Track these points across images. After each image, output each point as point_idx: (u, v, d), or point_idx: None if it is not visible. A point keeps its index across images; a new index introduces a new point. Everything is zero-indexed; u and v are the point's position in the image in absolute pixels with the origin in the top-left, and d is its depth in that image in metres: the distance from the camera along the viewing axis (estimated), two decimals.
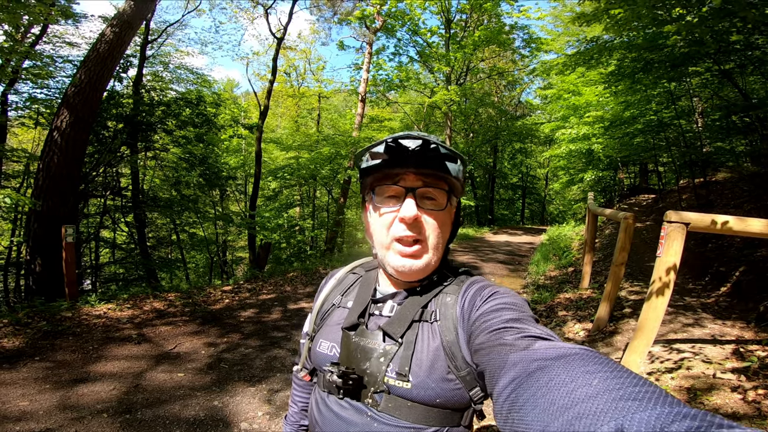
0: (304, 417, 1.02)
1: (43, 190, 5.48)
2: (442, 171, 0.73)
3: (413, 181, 0.74)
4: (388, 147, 0.71)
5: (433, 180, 0.74)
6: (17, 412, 2.60)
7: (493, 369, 0.53)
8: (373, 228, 0.80)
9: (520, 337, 0.55)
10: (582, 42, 6.90)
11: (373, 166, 0.75)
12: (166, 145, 9.79)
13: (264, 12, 11.31)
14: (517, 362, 0.49)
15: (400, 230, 0.73)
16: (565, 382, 0.39)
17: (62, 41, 8.57)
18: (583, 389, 0.37)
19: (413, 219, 0.72)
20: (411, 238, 0.73)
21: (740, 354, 2.91)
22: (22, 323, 4.08)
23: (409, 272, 0.75)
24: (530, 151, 24.47)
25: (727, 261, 4.85)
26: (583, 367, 0.41)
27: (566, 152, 11.78)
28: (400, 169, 0.73)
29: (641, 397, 0.33)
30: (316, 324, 0.88)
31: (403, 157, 0.72)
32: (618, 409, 0.33)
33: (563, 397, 0.37)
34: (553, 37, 16.00)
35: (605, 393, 0.35)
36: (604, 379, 0.37)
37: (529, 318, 0.63)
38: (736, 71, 5.74)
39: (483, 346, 0.60)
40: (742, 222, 2.49)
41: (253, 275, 7.51)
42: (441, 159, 0.72)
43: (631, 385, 0.35)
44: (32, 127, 8.51)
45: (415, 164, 0.72)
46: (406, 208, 0.72)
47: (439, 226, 0.76)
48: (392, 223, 0.75)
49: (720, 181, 7.99)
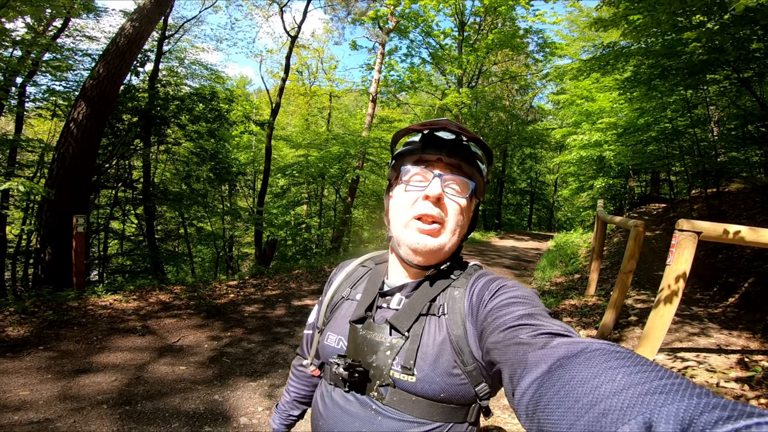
0: (295, 407, 1.02)
1: (57, 179, 5.56)
2: (471, 164, 0.77)
3: (443, 168, 0.77)
4: (423, 137, 0.78)
5: (460, 171, 0.78)
6: (17, 402, 2.61)
7: (512, 369, 0.52)
8: (395, 206, 0.80)
9: (537, 335, 0.54)
10: (598, 47, 6.82)
11: (407, 150, 0.80)
12: (179, 139, 9.90)
13: (279, 10, 11.39)
14: (537, 362, 0.48)
15: (424, 207, 0.75)
16: (588, 379, 0.39)
17: (82, 35, 8.72)
18: (607, 385, 0.36)
19: (437, 197, 0.74)
20: (431, 218, 0.74)
21: (745, 364, 2.87)
22: (29, 312, 4.13)
23: (423, 250, 0.75)
24: (540, 156, 24.30)
25: (737, 272, 4.78)
26: (605, 363, 0.40)
27: (577, 158, 11.67)
28: (432, 156, 0.77)
29: (668, 389, 0.32)
30: (326, 317, 0.88)
31: (437, 145, 0.76)
32: (645, 403, 0.32)
33: (588, 394, 0.37)
34: (568, 42, 15.87)
35: (630, 388, 0.34)
36: (628, 374, 0.37)
37: (542, 312, 0.61)
38: (754, 80, 5.63)
39: (498, 345, 0.59)
40: (754, 232, 2.44)
41: (259, 271, 7.55)
42: (471, 156, 0.77)
43: (657, 378, 0.34)
44: (49, 119, 8.65)
45: (447, 153, 0.76)
46: (432, 187, 0.74)
47: (460, 212, 0.77)
48: (416, 200, 0.76)
49: (733, 191, 7.85)
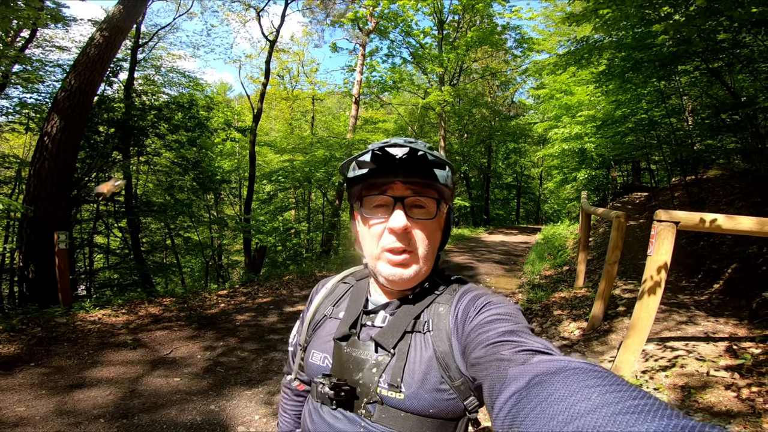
0: (298, 425, 0.99)
1: (35, 196, 5.43)
2: (431, 179, 0.72)
3: (402, 190, 0.73)
4: (374, 156, 0.70)
5: (421, 188, 0.74)
6: (14, 418, 2.59)
7: (492, 384, 0.52)
8: (363, 238, 0.80)
9: (518, 351, 0.55)
10: (573, 42, 6.95)
11: (360, 175, 0.74)
12: (159, 149, 9.73)
13: (256, 15, 11.32)
14: (516, 377, 0.49)
15: (390, 241, 0.73)
16: (565, 397, 0.39)
17: (52, 45, 8.53)
18: (582, 404, 0.37)
19: (403, 229, 0.71)
20: (400, 249, 0.73)
21: (733, 351, 2.93)
22: (17, 329, 4.05)
23: (399, 281, 0.75)
24: (524, 150, 24.58)
25: (719, 258, 4.90)
26: (582, 381, 0.41)
27: (559, 151, 11.86)
28: (388, 177, 0.72)
29: (640, 410, 0.33)
30: (308, 335, 0.87)
31: (390, 166, 0.71)
32: (617, 422, 0.32)
33: (563, 412, 0.37)
34: (545, 37, 16.11)
35: (604, 407, 0.35)
36: (603, 393, 0.37)
37: (525, 329, 0.62)
38: (724, 69, 5.80)
39: (480, 360, 0.60)
40: (731, 220, 2.51)
41: (249, 279, 7.49)
42: (429, 166, 0.71)
43: (630, 398, 0.35)
44: (23, 133, 8.44)
45: (403, 173, 0.71)
46: (395, 219, 0.71)
47: (429, 234, 0.76)
48: (382, 233, 0.74)
49: (711, 178, 8.08)
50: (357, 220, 0.82)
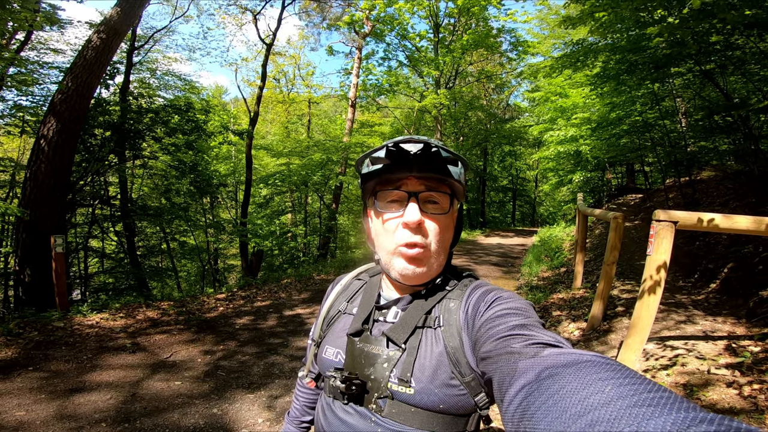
0: (306, 413, 1.01)
1: (31, 199, 5.39)
2: (444, 174, 0.73)
3: (416, 186, 0.74)
4: (389, 151, 0.71)
5: (435, 183, 0.75)
6: (15, 422, 2.57)
7: (502, 377, 0.52)
8: (377, 234, 0.80)
9: (528, 345, 0.54)
10: (568, 45, 7.02)
11: (375, 171, 0.75)
12: (155, 152, 9.67)
13: (253, 18, 11.33)
14: (526, 370, 0.48)
15: (405, 236, 0.73)
16: (578, 389, 0.38)
17: (47, 48, 8.46)
18: (596, 396, 0.36)
19: (417, 223, 0.72)
20: (414, 243, 0.73)
21: (733, 350, 2.96)
22: (14, 333, 4.02)
23: (413, 276, 0.75)
24: (519, 153, 24.74)
25: (716, 258, 4.95)
26: (595, 374, 0.40)
27: (555, 154, 11.93)
28: (402, 173, 0.73)
29: (656, 402, 0.32)
30: (323, 330, 0.89)
31: (404, 162, 0.72)
32: (633, 415, 0.32)
33: (576, 405, 0.37)
34: (540, 40, 16.26)
35: (619, 399, 0.34)
36: (617, 385, 0.37)
37: (536, 323, 0.62)
38: (717, 71, 5.88)
39: (490, 354, 0.59)
40: (728, 219, 2.55)
41: (247, 283, 7.46)
42: (443, 162, 0.73)
43: (646, 391, 0.34)
44: (18, 136, 8.36)
45: (417, 168, 0.72)
46: (410, 213, 0.72)
47: (442, 230, 0.76)
48: (396, 228, 0.75)
49: (705, 179, 8.17)
50: (370, 217, 0.83)
